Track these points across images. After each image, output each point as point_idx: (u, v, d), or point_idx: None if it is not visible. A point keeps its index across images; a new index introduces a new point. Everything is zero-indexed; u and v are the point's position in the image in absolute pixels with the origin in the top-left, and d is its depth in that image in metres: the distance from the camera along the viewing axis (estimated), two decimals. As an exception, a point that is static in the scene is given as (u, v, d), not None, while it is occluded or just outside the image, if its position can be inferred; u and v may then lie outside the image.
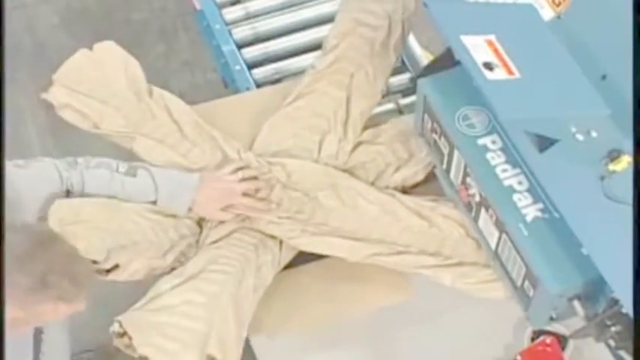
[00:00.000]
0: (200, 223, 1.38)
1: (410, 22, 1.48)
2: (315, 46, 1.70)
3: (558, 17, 1.26)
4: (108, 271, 1.26)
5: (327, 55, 1.47)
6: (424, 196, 1.39)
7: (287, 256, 1.38)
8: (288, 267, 1.39)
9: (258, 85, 1.71)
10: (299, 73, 1.66)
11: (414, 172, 1.42)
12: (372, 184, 1.41)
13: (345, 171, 1.41)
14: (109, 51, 1.43)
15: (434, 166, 1.37)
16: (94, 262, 1.23)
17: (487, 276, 1.29)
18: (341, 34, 1.47)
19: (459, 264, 1.31)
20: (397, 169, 1.42)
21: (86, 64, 1.41)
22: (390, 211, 1.36)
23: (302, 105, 1.45)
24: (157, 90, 1.44)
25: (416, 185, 1.44)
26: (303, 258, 1.39)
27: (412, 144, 1.42)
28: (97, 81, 1.40)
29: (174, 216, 1.35)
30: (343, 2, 1.53)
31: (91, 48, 1.42)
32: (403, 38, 1.49)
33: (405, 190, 1.42)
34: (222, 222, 1.36)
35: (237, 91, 1.70)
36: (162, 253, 1.31)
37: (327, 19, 1.75)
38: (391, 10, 1.46)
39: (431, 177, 1.41)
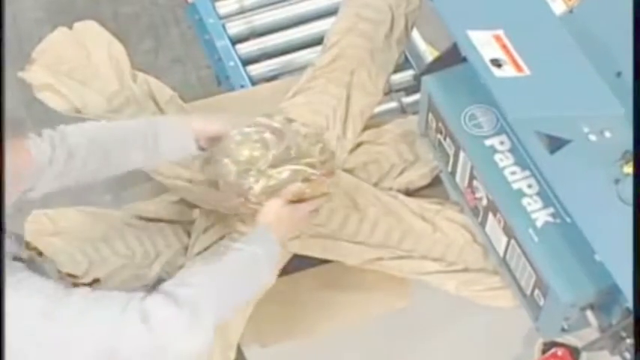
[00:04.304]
0: (188, 228, 1.33)
1: (414, 16, 1.44)
2: (313, 42, 1.66)
3: (570, 11, 1.22)
4: (88, 285, 1.21)
5: (328, 52, 1.43)
6: (429, 198, 1.35)
7: (280, 263, 1.32)
8: (283, 274, 1.33)
9: (254, 83, 1.66)
10: (296, 69, 1.63)
11: (420, 175, 1.38)
12: (375, 186, 1.36)
13: (344, 172, 1.37)
14: (90, 31, 1.38)
15: (440, 169, 1.33)
16: (73, 276, 1.19)
17: (494, 283, 1.26)
18: (342, 30, 1.44)
19: (465, 270, 1.28)
20: (402, 171, 1.38)
21: (66, 43, 1.36)
22: (392, 213, 1.32)
23: (300, 102, 1.41)
24: (141, 75, 1.39)
25: (420, 188, 1.39)
26: (299, 264, 1.34)
27: (418, 145, 1.38)
28: (77, 61, 1.35)
29: (160, 220, 1.31)
30: None
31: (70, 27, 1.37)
32: (406, 33, 1.45)
33: (408, 193, 1.38)
34: (210, 227, 1.31)
35: (231, 88, 1.65)
36: (147, 263, 1.27)
37: (326, 14, 1.71)
38: (394, 3, 1.42)
39: (436, 180, 1.37)
